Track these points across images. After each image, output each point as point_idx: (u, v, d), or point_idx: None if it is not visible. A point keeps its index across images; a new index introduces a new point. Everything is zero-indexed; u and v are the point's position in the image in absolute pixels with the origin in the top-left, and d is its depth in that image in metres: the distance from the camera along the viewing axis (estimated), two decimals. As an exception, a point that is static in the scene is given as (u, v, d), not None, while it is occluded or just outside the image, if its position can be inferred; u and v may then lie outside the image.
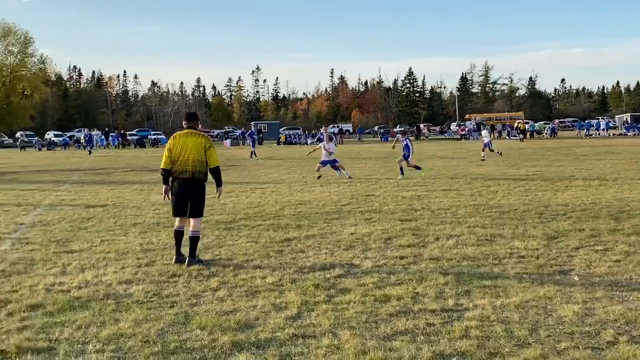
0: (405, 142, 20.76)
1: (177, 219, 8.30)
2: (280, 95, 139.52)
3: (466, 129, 70.15)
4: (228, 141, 66.53)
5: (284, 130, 79.13)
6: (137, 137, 69.96)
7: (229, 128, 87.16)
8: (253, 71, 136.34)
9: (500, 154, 29.88)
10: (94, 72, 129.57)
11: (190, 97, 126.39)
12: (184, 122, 8.47)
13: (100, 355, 4.87)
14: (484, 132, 31.96)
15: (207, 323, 5.58)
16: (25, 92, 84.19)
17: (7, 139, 79.06)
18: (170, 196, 8.26)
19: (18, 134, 76.53)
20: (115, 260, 8.44)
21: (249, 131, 39.20)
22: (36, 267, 8.07)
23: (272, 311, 6.00)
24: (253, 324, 5.62)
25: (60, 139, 71.15)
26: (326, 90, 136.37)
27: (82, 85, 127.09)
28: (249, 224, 11.29)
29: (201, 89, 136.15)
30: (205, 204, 8.42)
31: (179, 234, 8.25)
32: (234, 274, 7.50)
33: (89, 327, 5.57)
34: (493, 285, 6.71)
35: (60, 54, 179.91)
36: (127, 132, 72.49)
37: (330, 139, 21.82)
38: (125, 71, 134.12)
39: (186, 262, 8.00)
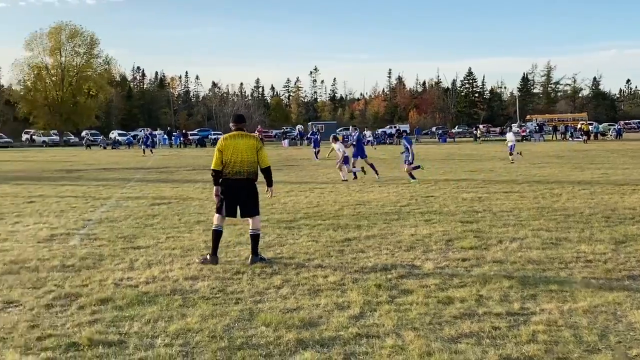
0: (405, 145, 20.08)
1: (217, 217, 8.34)
2: (338, 95, 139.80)
3: (527, 130, 68.78)
4: (286, 141, 67.02)
5: (341, 130, 79.22)
6: (198, 136, 71.15)
7: (286, 128, 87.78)
8: (311, 72, 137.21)
9: (520, 154, 29.36)
10: (156, 72, 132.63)
11: (250, 98, 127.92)
12: (232, 124, 8.57)
13: (169, 350, 4.99)
14: (509, 135, 31.15)
15: (271, 320, 5.66)
16: (91, 92, 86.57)
17: (73, 137, 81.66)
18: (217, 197, 8.36)
19: (84, 133, 78.89)
20: (180, 256, 8.62)
21: (311, 132, 38.97)
22: (105, 262, 8.32)
23: (335, 310, 6.03)
24: (317, 322, 5.66)
25: (124, 138, 72.97)
26: (383, 90, 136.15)
27: (145, 86, 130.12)
28: (309, 223, 11.36)
29: (260, 89, 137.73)
30: (259, 202, 8.52)
31: (219, 234, 8.32)
32: (296, 273, 7.57)
33: (157, 322, 5.71)
34: (560, 289, 6.57)
35: (125, 55, 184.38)
36: (189, 132, 73.77)
37: (336, 140, 22.09)
38: (187, 72, 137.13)
39: (250, 260, 8.13)
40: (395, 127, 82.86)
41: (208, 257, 8.25)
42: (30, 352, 4.99)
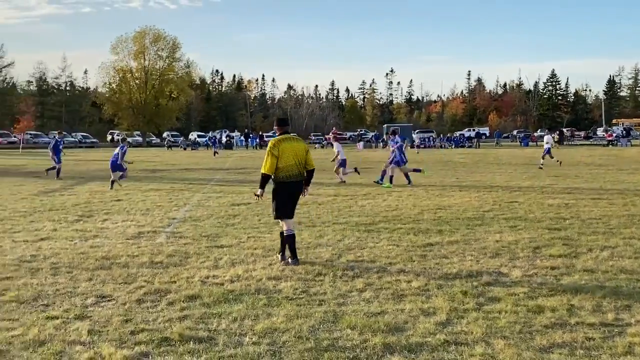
0: (393, 146, 19.96)
1: (285, 221, 8.36)
2: (414, 97, 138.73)
3: (614, 135, 66.29)
4: (361, 144, 66.94)
5: (417, 133, 78.53)
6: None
7: (361, 130, 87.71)
8: (387, 73, 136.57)
9: (560, 164, 28.27)
10: (234, 75, 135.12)
11: (324, 100, 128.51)
12: (277, 128, 8.64)
13: (257, 348, 5.05)
14: (547, 138, 30.02)
15: (356, 323, 5.64)
16: (172, 95, 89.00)
17: (155, 138, 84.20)
18: (259, 198, 8.52)
19: (165, 134, 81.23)
20: (262, 256, 8.73)
21: (399, 137, 38.18)
22: (190, 260, 8.51)
23: (421, 316, 5.96)
24: (402, 327, 5.61)
25: (204, 139, 74.64)
26: (462, 92, 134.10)
27: (223, 89, 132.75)
28: (388, 227, 11.29)
29: (335, 91, 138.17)
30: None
31: (294, 237, 8.36)
32: (379, 276, 7.53)
33: (244, 320, 5.79)
34: (656, 301, 6.28)
35: (204, 59, 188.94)
36: (264, 134, 74.77)
37: (336, 140, 22.65)
38: (263, 75, 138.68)
39: (280, 257, 8.36)
40: (474, 129, 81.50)
41: (289, 260, 8.33)
42: (124, 345, 5.15)
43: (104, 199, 16.00)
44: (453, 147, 64.03)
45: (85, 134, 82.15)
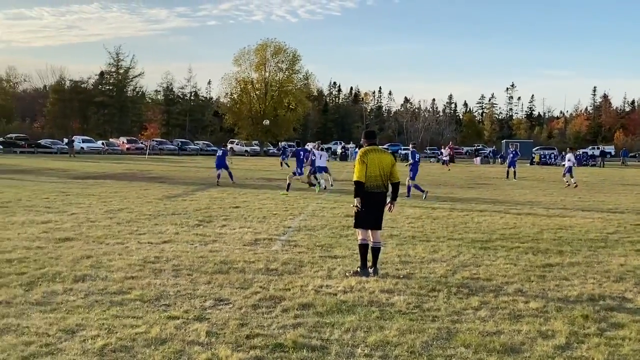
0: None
1: (361, 231, 8.41)
2: (535, 113, 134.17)
3: None
4: (478, 159, 65.54)
5: (537, 149, 75.90)
6: (389, 151, 71.91)
7: (478, 146, 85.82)
8: (507, 88, 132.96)
9: (576, 186, 26.81)
10: (351, 88, 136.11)
11: (441, 114, 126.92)
12: (365, 140, 8.67)
13: (369, 360, 5.05)
14: (569, 155, 28.01)
15: (471, 341, 5.52)
16: (290, 106, 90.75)
17: (272, 148, 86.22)
18: (358, 208, 8.40)
19: (281, 144, 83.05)
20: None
21: (511, 150, 37.26)
22: (304, 268, 8.63)
23: (539, 338, 5.74)
24: (519, 348, 5.43)
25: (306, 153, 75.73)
26: (586, 109, 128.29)
27: (340, 100, 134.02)
28: (505, 244, 10.97)
29: (452, 105, 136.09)
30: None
31: (367, 247, 8.37)
32: (495, 295, 7.33)
33: (357, 331, 5.81)
34: None
35: (323, 71, 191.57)
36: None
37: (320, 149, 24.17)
38: (380, 87, 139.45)
39: (372, 272, 8.23)
40: (598, 147, 77.76)
41: (358, 269, 8.34)
42: (240, 349, 5.30)
43: (223, 205, 16.55)
44: (575, 165, 61.35)
45: (206, 142, 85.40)
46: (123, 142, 74.32)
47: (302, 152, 23.11)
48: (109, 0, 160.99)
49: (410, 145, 23.49)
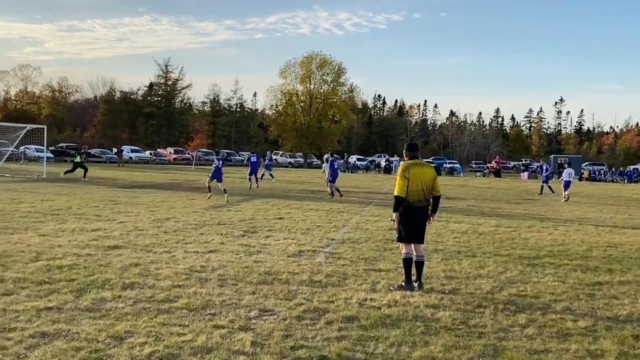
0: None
1: (404, 245, 8.38)
2: (584, 128, 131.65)
3: None
4: (525, 174, 64.52)
5: (586, 165, 74.42)
6: (434, 164, 71.50)
7: (526, 160, 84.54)
8: (556, 102, 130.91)
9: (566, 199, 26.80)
10: (396, 100, 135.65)
11: (487, 128, 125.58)
12: (408, 153, 8.63)
13: (413, 375, 5.01)
14: (569, 170, 29.02)
15: (518, 359, 5.42)
16: (335, 118, 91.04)
17: (315, 160, 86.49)
18: (396, 223, 8.41)
19: (325, 157, 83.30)
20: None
21: (544, 165, 37.00)
22: (348, 281, 8.62)
23: (587, 357, 5.64)
24: (568, 368, 5.32)
25: (363, 162, 75.68)
26: (637, 124, 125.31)
27: (384, 113, 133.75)
28: (554, 262, 10.77)
29: (499, 119, 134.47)
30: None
31: (411, 261, 8.33)
32: (542, 313, 7.21)
33: (401, 346, 5.77)
34: None
35: (367, 84, 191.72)
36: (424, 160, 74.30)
37: (326, 161, 25.63)
38: (425, 100, 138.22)
39: (417, 286, 8.18)
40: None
41: (403, 284, 8.28)
42: None
43: (267, 216, 16.66)
44: (626, 181, 59.97)
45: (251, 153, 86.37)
46: (170, 153, 75.54)
47: (335, 163, 24.71)
48: (159, 13, 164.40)
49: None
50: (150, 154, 72.19)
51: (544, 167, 35.45)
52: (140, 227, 13.45)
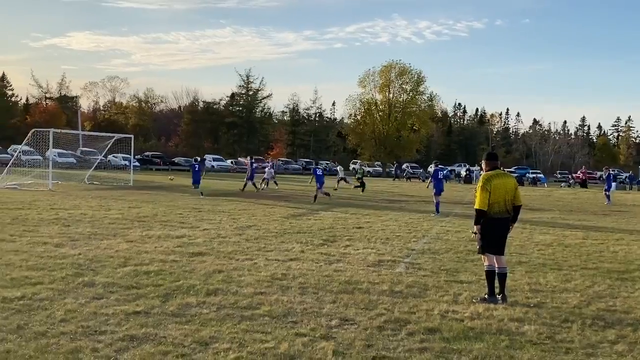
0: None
1: (487, 257, 8.22)
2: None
3: None
4: (614, 184, 62.00)
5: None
6: (516, 174, 69.85)
7: (613, 170, 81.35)
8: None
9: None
10: (477, 109, 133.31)
11: (573, 137, 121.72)
12: (488, 162, 8.48)
13: (498, 390, 4.90)
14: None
15: (608, 378, 5.23)
16: (414, 127, 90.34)
17: (393, 169, 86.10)
18: (478, 235, 8.26)
19: (404, 166, 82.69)
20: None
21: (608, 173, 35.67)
22: (429, 292, 8.53)
23: (685, 379, 5.35)
24: (663, 389, 5.08)
25: (418, 171, 75.14)
26: None
27: (465, 122, 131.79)
28: (645, 276, 10.32)
29: (585, 128, 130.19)
30: None
31: (494, 274, 8.16)
32: (633, 329, 6.92)
33: (485, 359, 5.66)
34: None
35: (448, 92, 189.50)
36: (505, 170, 72.65)
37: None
38: (507, 109, 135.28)
39: (501, 299, 8.00)
40: None
41: (486, 296, 8.12)
42: (366, 369, 5.31)
43: (347, 225, 16.69)
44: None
45: (329, 162, 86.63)
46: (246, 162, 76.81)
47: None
48: (240, 25, 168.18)
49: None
50: (232, 162, 73.65)
51: (609, 176, 34.45)
52: (223, 234, 13.74)
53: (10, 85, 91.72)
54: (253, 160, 34.83)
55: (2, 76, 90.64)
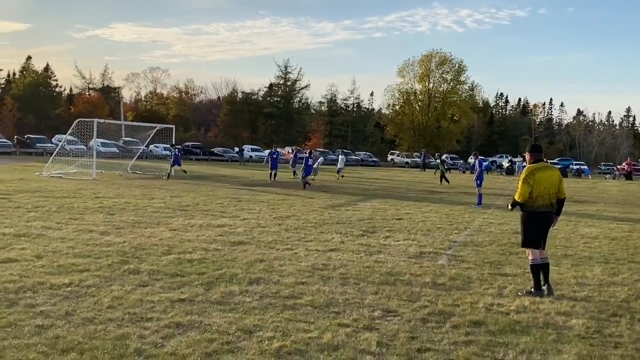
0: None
1: (531, 251, 8.12)
2: None
3: None
4: (659, 176, 60.57)
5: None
6: (559, 166, 68.74)
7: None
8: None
9: None
10: (519, 99, 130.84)
11: (617, 127, 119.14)
12: (531, 154, 8.33)
13: (547, 385, 4.81)
14: None
15: (661, 375, 5.09)
16: (454, 118, 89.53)
17: (433, 160, 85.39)
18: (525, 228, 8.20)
19: (444, 157, 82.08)
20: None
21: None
22: (473, 285, 8.42)
23: None
24: None
25: (459, 162, 74.32)
26: None
27: (507, 112, 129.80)
28: (696, 271, 10.03)
29: (630, 118, 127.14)
30: None
31: (539, 267, 8.02)
32: (686, 326, 6.72)
33: (532, 353, 5.58)
34: None
35: (489, 82, 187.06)
36: (548, 161, 71.52)
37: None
38: (551, 99, 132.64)
39: (546, 289, 7.89)
40: None
41: (532, 290, 8.00)
42: (411, 361, 5.27)
43: (386, 216, 16.61)
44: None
45: (368, 153, 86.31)
46: (288, 152, 77.09)
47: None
48: (279, 15, 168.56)
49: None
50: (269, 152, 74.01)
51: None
52: (263, 224, 13.79)
53: (55, 76, 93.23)
54: (296, 151, 37.31)
55: (46, 67, 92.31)
